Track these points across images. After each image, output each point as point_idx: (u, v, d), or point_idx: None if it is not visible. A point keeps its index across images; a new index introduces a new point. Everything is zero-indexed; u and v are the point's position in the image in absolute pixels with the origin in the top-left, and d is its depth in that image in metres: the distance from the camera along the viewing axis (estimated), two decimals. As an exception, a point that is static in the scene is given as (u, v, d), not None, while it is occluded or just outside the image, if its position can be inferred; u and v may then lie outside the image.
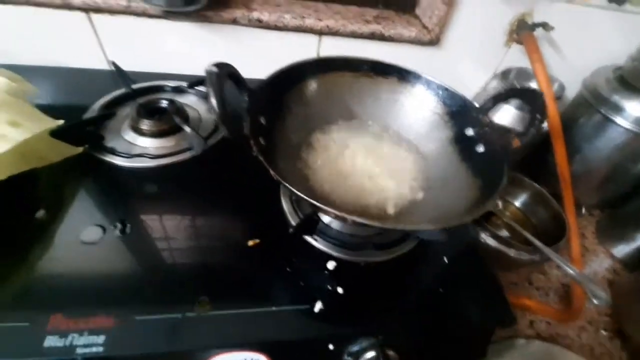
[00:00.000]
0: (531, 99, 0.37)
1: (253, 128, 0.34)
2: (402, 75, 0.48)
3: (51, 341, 0.30)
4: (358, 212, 0.29)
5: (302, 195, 0.28)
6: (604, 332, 0.56)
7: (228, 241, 0.41)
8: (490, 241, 0.56)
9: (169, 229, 0.41)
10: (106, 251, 0.38)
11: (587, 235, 0.71)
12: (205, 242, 0.41)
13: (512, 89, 0.55)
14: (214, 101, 0.29)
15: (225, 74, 0.32)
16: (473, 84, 0.72)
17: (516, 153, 0.67)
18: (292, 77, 0.43)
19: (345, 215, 0.27)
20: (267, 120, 0.39)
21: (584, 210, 0.74)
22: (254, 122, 0.35)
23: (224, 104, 0.30)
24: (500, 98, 0.42)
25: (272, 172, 0.30)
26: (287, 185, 0.29)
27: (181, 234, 0.41)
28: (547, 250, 0.52)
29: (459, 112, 0.45)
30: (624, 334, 0.56)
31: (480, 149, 0.41)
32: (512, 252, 0.56)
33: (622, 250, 0.69)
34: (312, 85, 0.46)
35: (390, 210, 0.41)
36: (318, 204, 0.28)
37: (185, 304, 0.34)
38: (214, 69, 0.30)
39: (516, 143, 0.37)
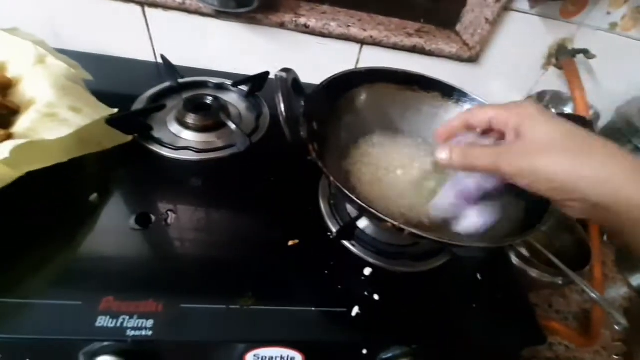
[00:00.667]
0: (580, 125, 0.38)
1: (310, 133, 0.36)
2: (446, 91, 0.49)
3: (103, 321, 0.32)
4: (405, 223, 0.30)
5: (366, 207, 0.29)
6: (615, 357, 0.57)
7: (269, 239, 0.42)
8: (515, 260, 0.57)
9: (212, 222, 0.42)
10: (153, 239, 0.39)
11: (607, 263, 0.71)
12: (247, 237, 0.42)
13: (559, 114, 0.55)
14: (282, 106, 0.30)
15: (291, 79, 0.33)
16: (506, 104, 0.73)
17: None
18: (344, 84, 0.45)
19: (403, 227, 0.28)
20: (319, 125, 0.40)
21: (605, 238, 0.75)
22: (310, 127, 0.36)
23: (291, 109, 0.31)
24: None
25: (331, 179, 0.31)
26: (348, 193, 0.30)
27: (224, 228, 0.42)
28: (572, 274, 0.52)
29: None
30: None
31: (523, 170, 0.41)
32: (534, 273, 0.56)
33: (639, 279, 0.69)
34: (361, 94, 0.47)
35: (426, 221, 0.42)
36: (378, 214, 0.29)
37: (229, 297, 0.35)
38: (284, 75, 0.31)
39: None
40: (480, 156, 0.28)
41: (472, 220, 0.34)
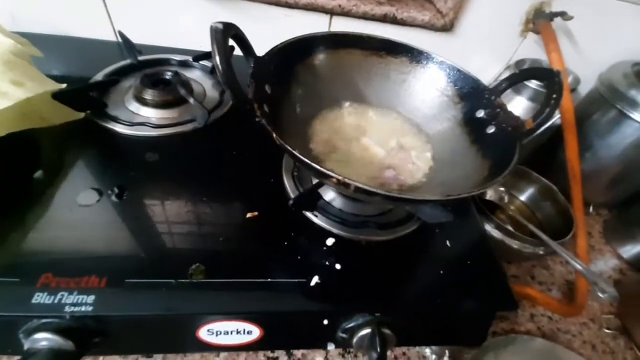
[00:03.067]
0: (548, 78, 0.36)
1: (257, 94, 0.33)
2: (414, 55, 0.47)
3: (40, 298, 0.30)
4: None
5: (304, 159, 0.27)
6: (607, 330, 0.55)
7: (226, 212, 0.40)
8: (495, 232, 0.55)
9: (166, 197, 0.40)
10: (102, 215, 0.37)
11: (594, 234, 0.70)
12: (203, 211, 0.40)
13: (528, 68, 0.53)
14: (217, 58, 0.28)
15: (231, 34, 0.31)
16: (485, 74, 0.71)
17: (525, 148, 0.66)
18: (302, 49, 0.42)
19: (348, 181, 0.26)
20: (272, 89, 0.38)
21: (591, 209, 0.73)
22: (258, 89, 0.34)
23: (229, 64, 0.29)
24: (514, 79, 0.40)
25: (274, 136, 0.29)
26: (288, 148, 0.28)
27: (179, 202, 0.40)
28: (552, 243, 0.51)
29: (470, 93, 0.44)
30: (628, 333, 0.54)
31: (491, 130, 0.39)
32: (515, 244, 0.55)
33: (629, 250, 0.67)
34: (322, 60, 0.45)
35: (394, 188, 0.40)
36: (319, 167, 0.27)
37: (179, 270, 0.34)
38: (219, 26, 0.29)
39: (529, 124, 0.35)
40: None
41: None
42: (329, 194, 0.44)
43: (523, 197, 0.66)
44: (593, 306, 0.57)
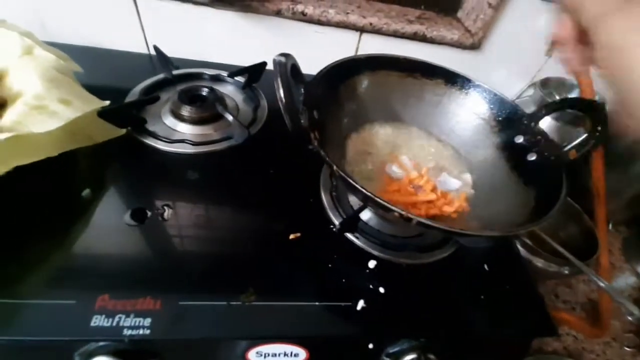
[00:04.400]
0: (590, 109, 0.37)
1: (310, 122, 0.34)
2: (449, 78, 0.48)
3: (98, 321, 0.30)
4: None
5: (372, 195, 0.28)
6: (627, 348, 0.56)
7: (269, 233, 0.41)
8: (520, 250, 0.56)
9: (211, 217, 0.41)
10: (149, 235, 0.38)
11: (614, 252, 0.70)
12: (247, 232, 0.41)
13: (569, 98, 0.54)
14: (282, 92, 0.29)
15: (290, 65, 0.32)
16: (509, 91, 0.72)
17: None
18: (344, 71, 0.43)
19: (410, 216, 0.27)
20: (319, 114, 0.38)
21: (610, 226, 0.74)
22: (310, 116, 0.35)
23: (291, 95, 0.30)
24: (554, 107, 0.41)
25: (334, 168, 0.29)
26: (352, 182, 0.29)
27: (223, 222, 0.41)
28: (579, 264, 0.51)
29: (508, 118, 0.44)
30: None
31: (532, 157, 0.40)
32: (540, 263, 0.55)
33: (648, 269, 0.68)
34: (362, 82, 0.45)
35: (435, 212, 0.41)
36: (386, 204, 0.27)
37: (230, 293, 0.34)
38: (282, 59, 0.30)
39: (573, 155, 0.36)
40: None
41: None
42: (365, 214, 0.44)
43: (546, 215, 0.67)
44: (615, 325, 0.58)
